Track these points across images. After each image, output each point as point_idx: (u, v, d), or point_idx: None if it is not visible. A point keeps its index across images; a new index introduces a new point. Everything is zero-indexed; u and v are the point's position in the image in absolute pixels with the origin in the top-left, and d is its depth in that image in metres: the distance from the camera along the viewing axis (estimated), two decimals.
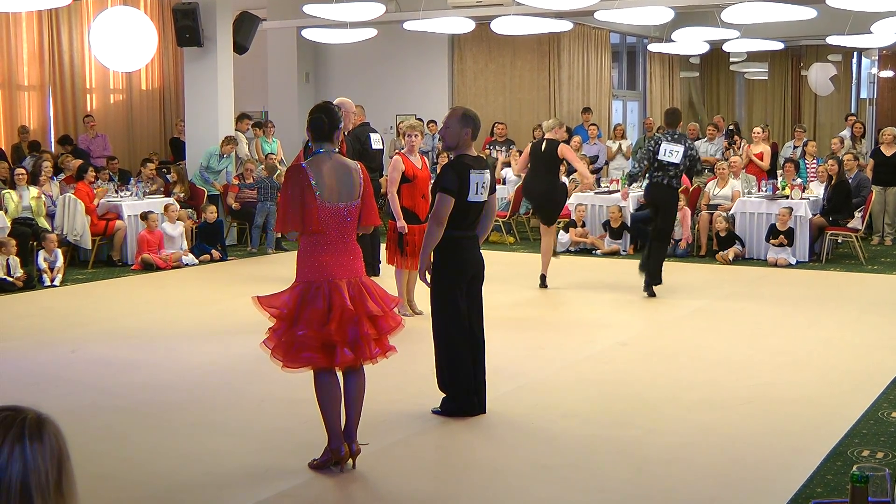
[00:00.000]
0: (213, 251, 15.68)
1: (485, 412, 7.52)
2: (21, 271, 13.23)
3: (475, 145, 7.63)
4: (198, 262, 15.34)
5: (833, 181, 15.70)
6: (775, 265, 14.83)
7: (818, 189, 16.36)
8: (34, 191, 14.88)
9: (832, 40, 20.44)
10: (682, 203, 14.74)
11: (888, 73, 27.65)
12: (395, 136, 19.30)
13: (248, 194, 17.13)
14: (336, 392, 6.28)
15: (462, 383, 7.44)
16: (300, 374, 6.33)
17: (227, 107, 17.53)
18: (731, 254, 15.22)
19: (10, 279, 13.03)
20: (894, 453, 6.68)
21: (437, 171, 7.70)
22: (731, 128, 21.09)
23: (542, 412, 7.67)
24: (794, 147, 19.29)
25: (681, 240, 15.65)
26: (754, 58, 27.89)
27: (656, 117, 24.88)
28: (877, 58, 27.42)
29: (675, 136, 12.14)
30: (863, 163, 17.94)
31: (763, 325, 10.94)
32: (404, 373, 8.39)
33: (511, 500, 5.95)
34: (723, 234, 15.51)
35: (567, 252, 16.22)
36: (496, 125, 21.44)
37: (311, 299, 6.08)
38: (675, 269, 12.45)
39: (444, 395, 7.52)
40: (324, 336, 6.05)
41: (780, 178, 16.94)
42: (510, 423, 7.41)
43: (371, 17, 16.73)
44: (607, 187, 17.74)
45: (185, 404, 8.01)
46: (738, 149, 19.08)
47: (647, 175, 12.36)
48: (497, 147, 20.77)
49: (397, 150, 11.40)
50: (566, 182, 13.90)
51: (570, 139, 20.35)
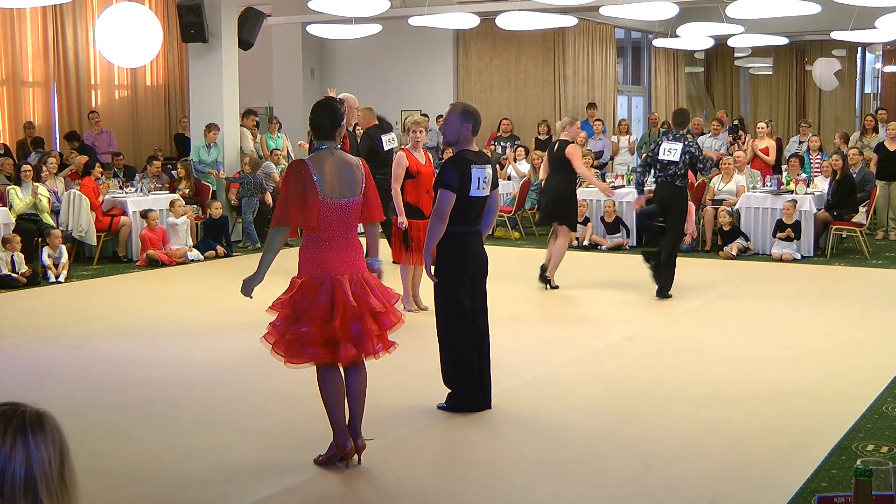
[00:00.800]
0: (219, 247, 15.69)
1: (490, 408, 7.53)
2: (25, 267, 13.24)
3: (478, 141, 7.62)
4: (203, 258, 15.35)
5: (837, 176, 15.68)
6: (780, 260, 14.82)
7: (823, 184, 16.35)
8: (41, 189, 14.87)
9: (836, 35, 20.42)
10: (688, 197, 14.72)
11: (892, 68, 27.60)
12: (401, 131, 19.30)
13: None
14: (340, 387, 6.30)
15: (467, 379, 7.45)
16: (305, 370, 6.34)
17: (232, 103, 17.54)
18: (734, 249, 15.20)
19: (15, 276, 13.05)
20: None
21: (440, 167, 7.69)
22: (735, 123, 21.06)
23: (548, 407, 7.68)
24: (800, 143, 19.26)
25: (685, 235, 15.62)
26: (759, 53, 27.91)
27: (661, 112, 24.88)
28: (881, 53, 27.38)
29: (676, 135, 12.12)
30: (868, 156, 17.91)
31: (767, 320, 10.93)
32: (409, 368, 8.40)
33: (516, 496, 5.95)
34: (727, 228, 15.49)
35: (571, 248, 16.24)
36: (501, 121, 21.43)
37: (314, 295, 6.09)
38: (679, 264, 12.40)
39: (449, 390, 7.53)
40: (327, 332, 6.06)
41: (784, 173, 16.91)
42: (515, 419, 7.42)
43: (376, 12, 16.74)
44: (612, 182, 17.71)
45: (189, 400, 8.02)
46: (743, 144, 19.06)
47: (653, 176, 12.32)
48: (502, 143, 20.75)
49: (401, 146, 11.41)
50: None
51: None
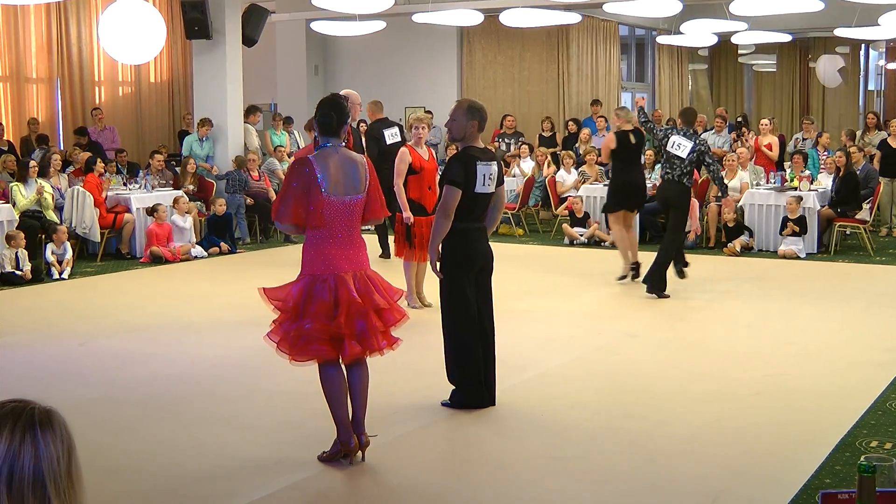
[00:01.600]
0: (222, 244, 15.69)
1: (494, 404, 7.53)
2: (29, 265, 13.24)
3: (483, 137, 7.62)
4: (206, 254, 15.35)
5: (841, 173, 15.68)
6: (784, 257, 14.81)
7: (826, 181, 16.34)
8: (46, 186, 14.87)
9: (840, 32, 20.40)
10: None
11: None
12: (405, 128, 19.32)
13: (256, 187, 17.14)
14: (342, 384, 6.29)
15: (471, 375, 7.45)
16: (309, 367, 6.34)
17: (236, 99, 17.55)
18: (737, 245, 15.19)
19: (19, 273, 13.05)
20: None
21: (445, 163, 7.70)
22: (738, 120, 21.03)
23: (552, 404, 7.69)
24: (804, 139, 19.25)
25: (689, 231, 15.61)
26: (763, 50, 27.89)
27: (665, 109, 24.88)
28: (884, 50, 27.35)
29: (687, 132, 12.18)
30: (870, 150, 17.89)
31: (771, 316, 10.93)
32: (413, 365, 8.40)
33: (520, 492, 5.95)
34: (731, 224, 15.48)
35: (572, 245, 16.25)
36: (505, 117, 21.43)
37: (318, 293, 6.08)
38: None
39: (454, 387, 7.54)
40: (332, 329, 6.06)
41: (788, 170, 16.91)
42: (519, 415, 7.42)
43: (380, 9, 16.73)
44: None
45: (193, 397, 8.03)
46: (746, 141, 19.05)
47: (660, 172, 12.39)
48: (506, 139, 20.76)
49: (405, 142, 11.41)
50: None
51: (579, 130, 20.40)
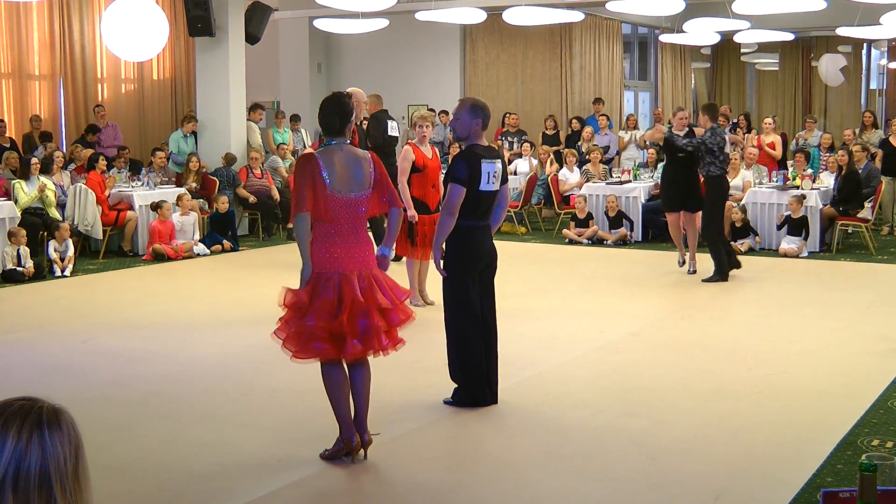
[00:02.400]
0: (225, 241, 15.70)
1: (496, 402, 7.54)
2: (31, 262, 13.25)
3: (486, 135, 7.63)
4: (209, 252, 15.36)
5: (843, 171, 15.68)
6: (785, 256, 14.81)
7: (828, 179, 16.34)
8: (48, 182, 14.89)
9: (842, 31, 20.40)
10: None
11: None
12: (408, 126, 19.31)
13: (258, 184, 17.15)
14: (344, 383, 6.30)
15: (474, 373, 7.46)
16: (312, 365, 6.35)
17: (239, 97, 17.55)
18: (744, 247, 15.17)
19: (21, 270, 13.06)
20: None
21: (448, 162, 7.72)
22: (733, 121, 20.95)
23: (554, 402, 7.70)
24: (805, 140, 19.25)
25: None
26: (765, 48, 27.89)
27: (668, 107, 24.87)
28: (886, 49, 27.35)
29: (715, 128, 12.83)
30: (872, 149, 17.88)
31: (773, 314, 10.94)
32: (416, 363, 8.40)
33: (522, 490, 5.96)
34: (738, 224, 15.47)
35: (571, 243, 16.26)
36: (508, 115, 21.43)
37: (322, 290, 6.08)
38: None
39: (456, 385, 7.55)
40: (334, 327, 6.05)
41: (790, 169, 16.92)
42: (521, 414, 7.43)
43: (383, 7, 16.72)
44: (619, 178, 17.70)
45: (195, 395, 8.04)
46: (744, 140, 19.03)
47: (710, 169, 12.73)
48: (509, 137, 20.75)
49: (408, 140, 11.41)
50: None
51: (582, 128, 20.40)
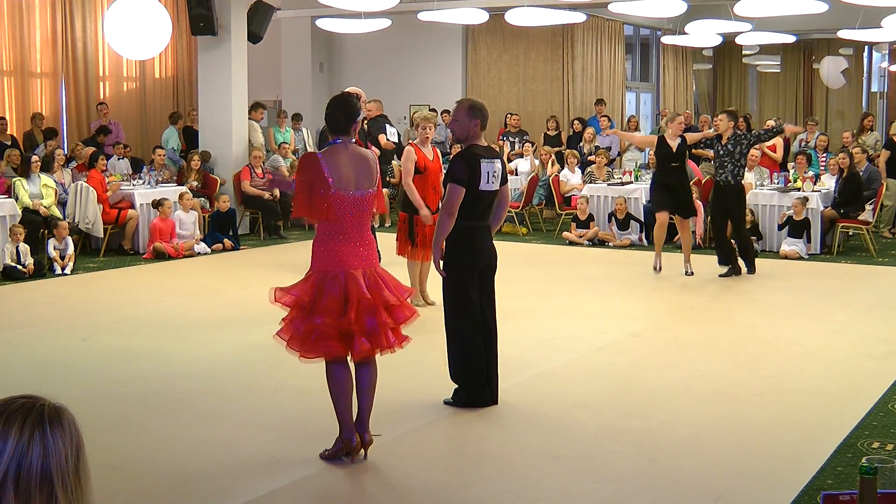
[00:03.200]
0: (226, 240, 15.69)
1: (496, 403, 7.54)
2: (30, 259, 13.24)
3: (486, 136, 7.63)
4: (210, 251, 15.35)
5: (844, 174, 15.68)
6: (786, 257, 14.80)
7: (829, 181, 16.33)
8: (48, 180, 14.91)
9: (843, 34, 20.37)
10: (695, 195, 14.72)
11: None
12: (409, 126, 19.30)
13: (259, 183, 17.14)
14: (348, 383, 6.29)
15: (474, 374, 7.46)
16: (312, 364, 6.34)
17: (241, 96, 17.55)
18: None
19: (20, 267, 13.05)
20: None
21: (449, 162, 7.73)
22: None
23: (554, 403, 7.70)
24: (806, 143, 19.22)
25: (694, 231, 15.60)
26: (767, 50, 27.87)
27: (670, 109, 24.86)
28: (887, 51, 27.31)
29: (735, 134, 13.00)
30: (870, 151, 17.85)
31: (774, 316, 10.94)
32: (416, 363, 8.40)
33: (523, 491, 5.96)
34: (748, 226, 15.43)
35: (577, 245, 16.26)
36: (510, 116, 21.42)
37: (328, 288, 6.07)
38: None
39: (456, 385, 7.55)
40: (342, 325, 6.05)
41: (792, 171, 16.91)
42: (522, 414, 7.43)
43: (385, 7, 16.72)
44: (620, 179, 17.68)
45: (195, 394, 8.03)
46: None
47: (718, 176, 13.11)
48: (510, 138, 20.75)
49: (410, 141, 11.39)
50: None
51: (584, 129, 20.40)
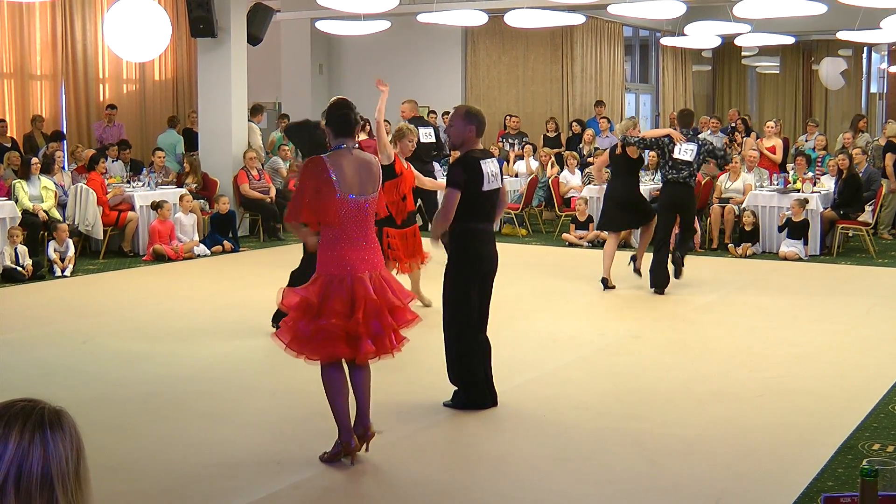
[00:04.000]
0: (225, 242, 15.68)
1: (496, 404, 7.54)
2: (29, 261, 13.23)
3: (486, 138, 7.68)
4: (209, 252, 15.35)
5: (843, 175, 15.68)
6: (785, 259, 14.80)
7: (829, 183, 16.32)
8: (48, 182, 14.90)
9: (842, 35, 20.37)
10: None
11: None
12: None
13: (257, 186, 17.14)
14: (344, 385, 6.31)
15: (473, 376, 7.45)
16: (311, 366, 6.34)
17: (241, 98, 17.55)
18: (748, 251, 15.15)
19: (20, 269, 13.04)
20: None
21: (448, 164, 7.81)
22: (732, 125, 20.86)
23: (554, 404, 7.69)
24: (807, 141, 19.22)
25: (696, 232, 15.57)
26: (766, 52, 27.87)
27: (668, 110, 24.88)
28: (886, 53, 27.32)
29: (689, 135, 12.26)
30: (861, 156, 17.85)
31: (774, 318, 10.94)
32: (416, 365, 8.40)
33: (523, 493, 5.96)
34: (748, 228, 15.43)
35: (578, 246, 16.26)
36: (509, 118, 21.41)
37: (335, 291, 6.10)
38: (687, 261, 12.47)
39: (455, 388, 7.55)
40: (350, 326, 6.08)
41: (791, 172, 16.91)
42: (522, 416, 7.43)
43: (385, 8, 16.71)
44: None
45: (195, 395, 8.03)
46: (739, 145, 18.94)
47: (662, 175, 12.40)
48: (510, 140, 20.75)
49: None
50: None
51: (583, 130, 20.41)
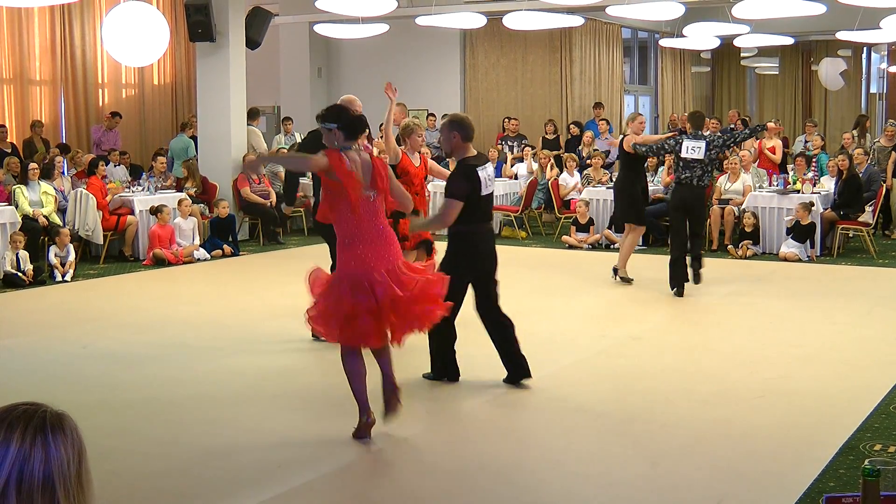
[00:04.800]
0: (225, 246, 15.68)
1: (530, 375, 8.03)
2: (30, 266, 13.24)
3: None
4: (209, 257, 15.34)
5: (844, 175, 15.67)
6: (785, 260, 14.80)
7: (829, 183, 16.32)
8: (47, 187, 14.91)
9: (842, 35, 20.38)
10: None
11: None
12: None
13: (258, 190, 17.14)
14: (363, 367, 6.66)
15: (445, 353, 8.12)
16: (313, 370, 6.36)
17: (240, 102, 17.56)
18: (748, 252, 15.15)
19: (20, 274, 13.03)
20: None
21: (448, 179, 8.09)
22: (731, 126, 20.87)
23: (555, 406, 7.69)
24: (806, 142, 19.23)
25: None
26: (765, 53, 27.89)
27: (668, 112, 24.88)
28: (886, 53, 27.33)
29: (696, 134, 12.25)
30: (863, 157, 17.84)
31: (775, 318, 10.93)
32: (416, 367, 8.37)
33: (524, 495, 5.95)
34: (749, 229, 15.42)
35: (580, 248, 16.25)
36: (508, 120, 21.39)
37: (359, 293, 6.36)
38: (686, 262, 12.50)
39: (432, 362, 8.16)
40: (383, 327, 6.46)
41: (791, 173, 16.91)
42: (522, 417, 7.44)
43: (383, 12, 16.74)
44: None
45: (196, 400, 8.02)
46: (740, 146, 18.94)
47: (675, 176, 12.41)
48: (509, 142, 20.73)
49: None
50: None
51: (582, 132, 20.40)
